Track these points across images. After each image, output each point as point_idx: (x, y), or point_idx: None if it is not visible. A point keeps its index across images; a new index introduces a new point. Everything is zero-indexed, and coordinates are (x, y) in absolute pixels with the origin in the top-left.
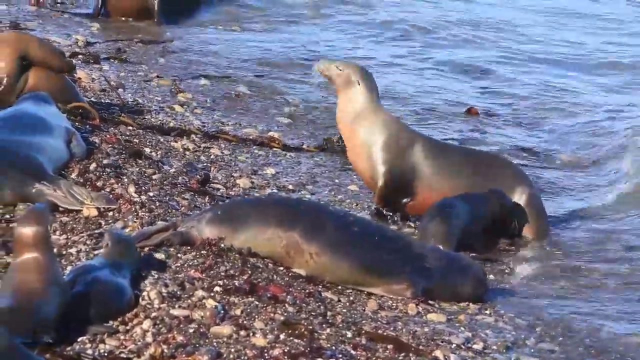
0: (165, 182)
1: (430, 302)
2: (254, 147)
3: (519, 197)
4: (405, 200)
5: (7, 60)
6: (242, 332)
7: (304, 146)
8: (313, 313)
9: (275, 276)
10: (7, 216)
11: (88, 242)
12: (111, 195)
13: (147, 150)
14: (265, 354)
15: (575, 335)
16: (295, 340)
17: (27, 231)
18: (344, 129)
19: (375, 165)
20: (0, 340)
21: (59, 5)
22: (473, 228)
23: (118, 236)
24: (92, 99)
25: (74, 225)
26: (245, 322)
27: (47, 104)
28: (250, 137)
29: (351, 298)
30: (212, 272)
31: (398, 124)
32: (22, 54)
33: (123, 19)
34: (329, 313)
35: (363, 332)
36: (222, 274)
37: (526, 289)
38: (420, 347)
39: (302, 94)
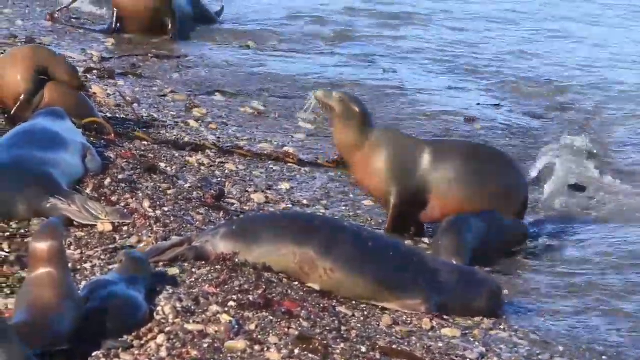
0: (180, 197)
1: (444, 317)
2: (269, 162)
3: (516, 197)
4: (419, 212)
5: (24, 75)
6: (257, 347)
7: (319, 161)
8: (327, 328)
9: (289, 291)
10: (22, 231)
11: (103, 257)
12: (126, 210)
13: (162, 165)
14: None
15: (590, 351)
16: (310, 355)
17: (42, 246)
18: (347, 156)
19: (386, 186)
20: (16, 355)
21: (74, 20)
22: (488, 244)
23: (132, 253)
24: (107, 114)
25: (89, 240)
26: (259, 336)
27: (62, 119)
28: (265, 152)
29: (365, 313)
30: (226, 286)
31: (398, 139)
32: (39, 69)
33: (132, 36)
34: (343, 328)
35: (377, 347)
36: (237, 288)
37: (541, 304)
38: None
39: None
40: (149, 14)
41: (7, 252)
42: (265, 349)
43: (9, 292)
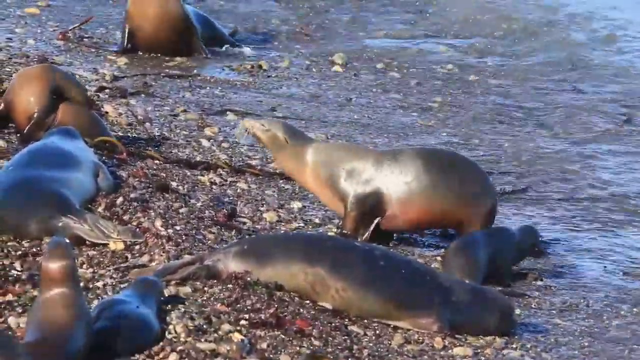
0: (191, 216)
1: (456, 335)
2: (281, 180)
3: (481, 206)
4: (376, 220)
5: (37, 95)
6: None
7: None
8: (339, 347)
9: (301, 310)
10: (34, 250)
11: (114, 275)
12: (138, 229)
13: (174, 184)
14: None
15: None
16: None
17: (54, 266)
18: (297, 178)
19: (343, 196)
20: None
21: (86, 40)
22: (499, 262)
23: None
24: (119, 132)
25: (101, 259)
26: (271, 355)
27: (74, 138)
28: (277, 171)
29: (377, 332)
30: (238, 305)
31: (340, 148)
32: (52, 88)
33: (148, 55)
34: (355, 347)
35: None
36: (248, 307)
37: (553, 324)
38: None
39: (327, 128)
40: (168, 33)
41: (19, 271)
42: None
43: (20, 310)
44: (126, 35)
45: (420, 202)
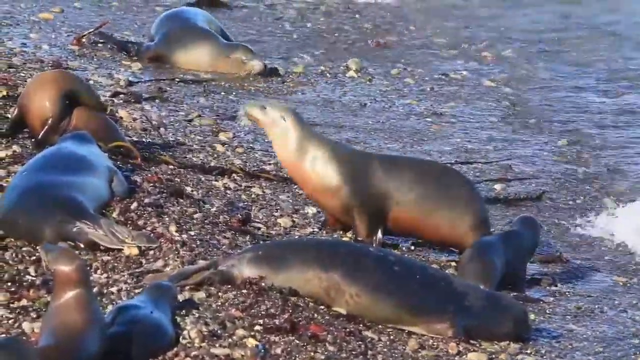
0: (206, 221)
1: (470, 341)
2: (295, 186)
3: (471, 216)
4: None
5: (52, 100)
6: None
7: None
8: (354, 352)
9: (315, 315)
10: None
11: (129, 281)
12: (152, 234)
13: (188, 189)
14: None
15: None
16: None
17: (67, 270)
18: (291, 168)
19: (345, 199)
20: None
21: (100, 45)
22: (514, 267)
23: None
24: (134, 138)
25: (115, 264)
26: None
27: (89, 143)
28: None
29: (392, 337)
30: (252, 310)
31: (343, 146)
32: (66, 93)
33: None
34: (369, 352)
35: None
36: (263, 312)
37: (568, 330)
38: None
39: (342, 133)
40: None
41: (33, 276)
42: None
43: (35, 316)
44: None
45: (410, 210)
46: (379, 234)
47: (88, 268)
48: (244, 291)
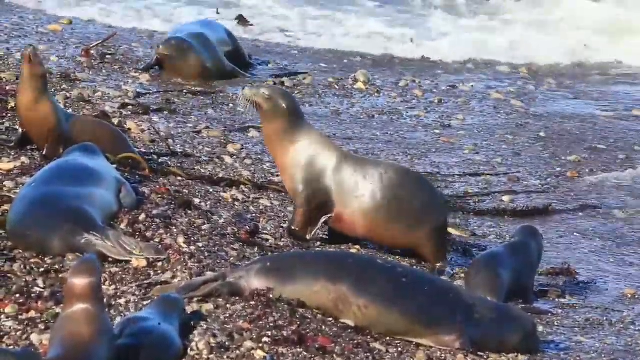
0: (214, 233)
1: (479, 353)
2: None
3: (433, 220)
4: (325, 217)
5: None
6: None
7: None
8: None
9: (323, 327)
10: (57, 267)
11: (137, 292)
12: (160, 246)
13: (197, 200)
14: None
15: None
16: None
17: (79, 282)
18: (273, 151)
19: (295, 185)
20: None
21: (108, 57)
22: (523, 278)
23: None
24: (142, 149)
25: (123, 276)
26: None
27: (96, 155)
28: None
29: (400, 349)
30: (260, 322)
31: (321, 142)
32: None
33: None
34: None
35: None
36: (271, 324)
37: (576, 341)
38: None
39: (350, 144)
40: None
41: (41, 288)
42: None
43: (43, 327)
44: (156, 59)
45: (365, 212)
46: (316, 227)
47: (101, 282)
48: (252, 303)
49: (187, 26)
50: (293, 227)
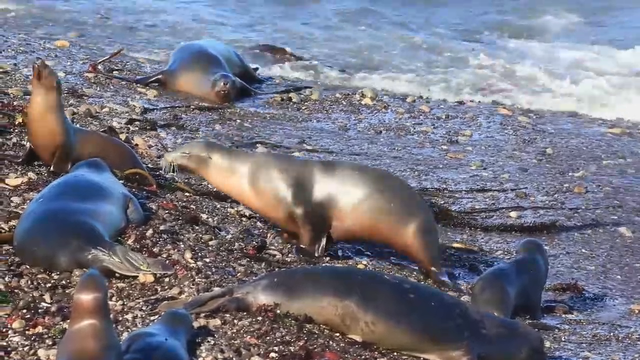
0: (221, 248)
1: None
2: None
3: (419, 224)
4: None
5: (64, 126)
6: None
7: None
8: None
9: (331, 342)
10: (64, 282)
11: (144, 308)
12: (167, 262)
13: (204, 216)
14: None
15: None
16: None
17: (86, 297)
18: (237, 196)
19: (288, 208)
20: None
21: (116, 72)
22: (530, 294)
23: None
24: (149, 165)
25: (130, 292)
26: None
27: (103, 171)
28: None
29: None
30: (267, 338)
31: (278, 157)
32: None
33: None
34: None
35: None
36: (278, 339)
37: (583, 357)
38: None
39: (357, 160)
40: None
41: (48, 303)
42: None
43: (50, 343)
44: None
45: (355, 213)
46: (323, 242)
47: (107, 297)
48: (259, 318)
49: (193, 46)
50: (302, 246)
